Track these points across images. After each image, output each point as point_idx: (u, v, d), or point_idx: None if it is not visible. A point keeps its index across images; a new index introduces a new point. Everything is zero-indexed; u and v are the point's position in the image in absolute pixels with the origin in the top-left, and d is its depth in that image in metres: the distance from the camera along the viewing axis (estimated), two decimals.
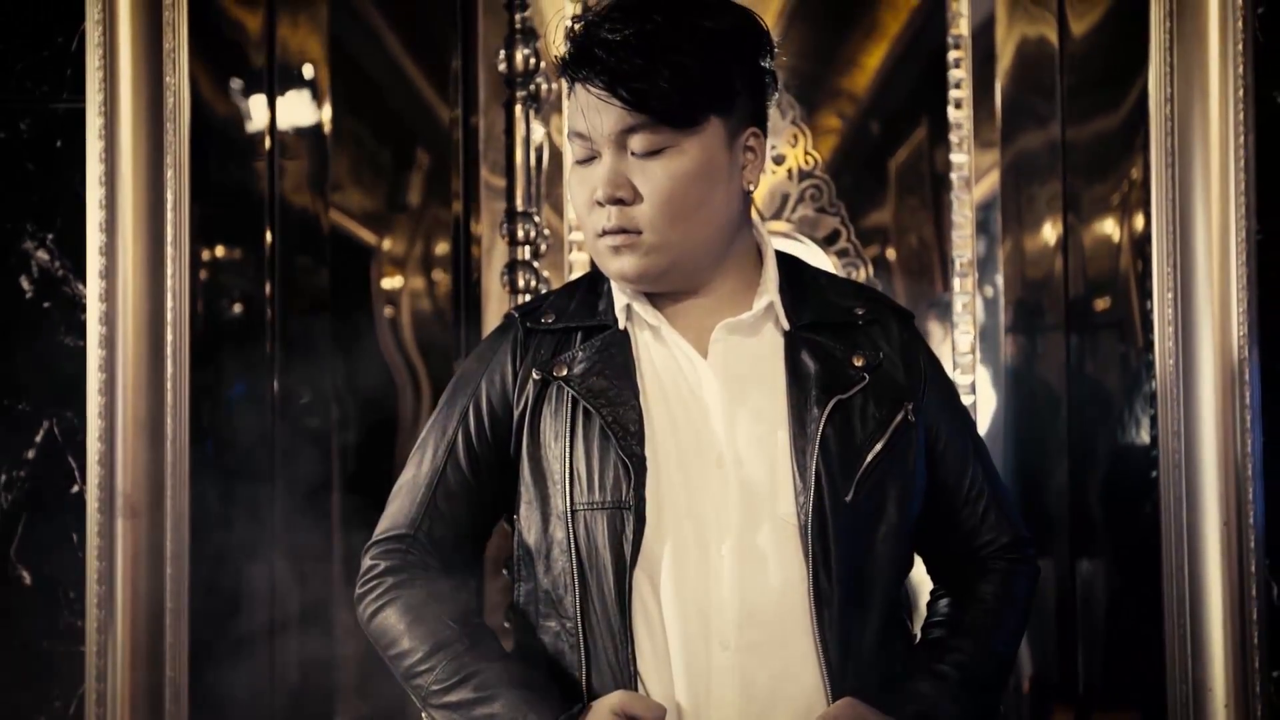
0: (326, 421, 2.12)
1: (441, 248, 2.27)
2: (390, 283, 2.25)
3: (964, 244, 2.19)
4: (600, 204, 1.38)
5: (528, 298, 2.07)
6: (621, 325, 1.46)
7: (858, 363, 1.44)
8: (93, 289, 1.79)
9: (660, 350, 1.45)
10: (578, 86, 1.37)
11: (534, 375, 1.45)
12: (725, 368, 1.44)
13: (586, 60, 1.35)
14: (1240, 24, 1.79)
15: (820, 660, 1.37)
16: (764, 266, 1.48)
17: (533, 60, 2.10)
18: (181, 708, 1.74)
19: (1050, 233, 2.17)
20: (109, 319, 1.77)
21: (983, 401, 2.14)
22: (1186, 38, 1.82)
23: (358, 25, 2.20)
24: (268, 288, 2.02)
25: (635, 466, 1.37)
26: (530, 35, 2.11)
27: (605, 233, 1.39)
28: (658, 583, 1.38)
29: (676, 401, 1.43)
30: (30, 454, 1.85)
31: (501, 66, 2.10)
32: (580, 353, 1.45)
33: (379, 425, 2.14)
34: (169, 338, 1.77)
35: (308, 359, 2.09)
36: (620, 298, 1.47)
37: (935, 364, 1.53)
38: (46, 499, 1.85)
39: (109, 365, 1.77)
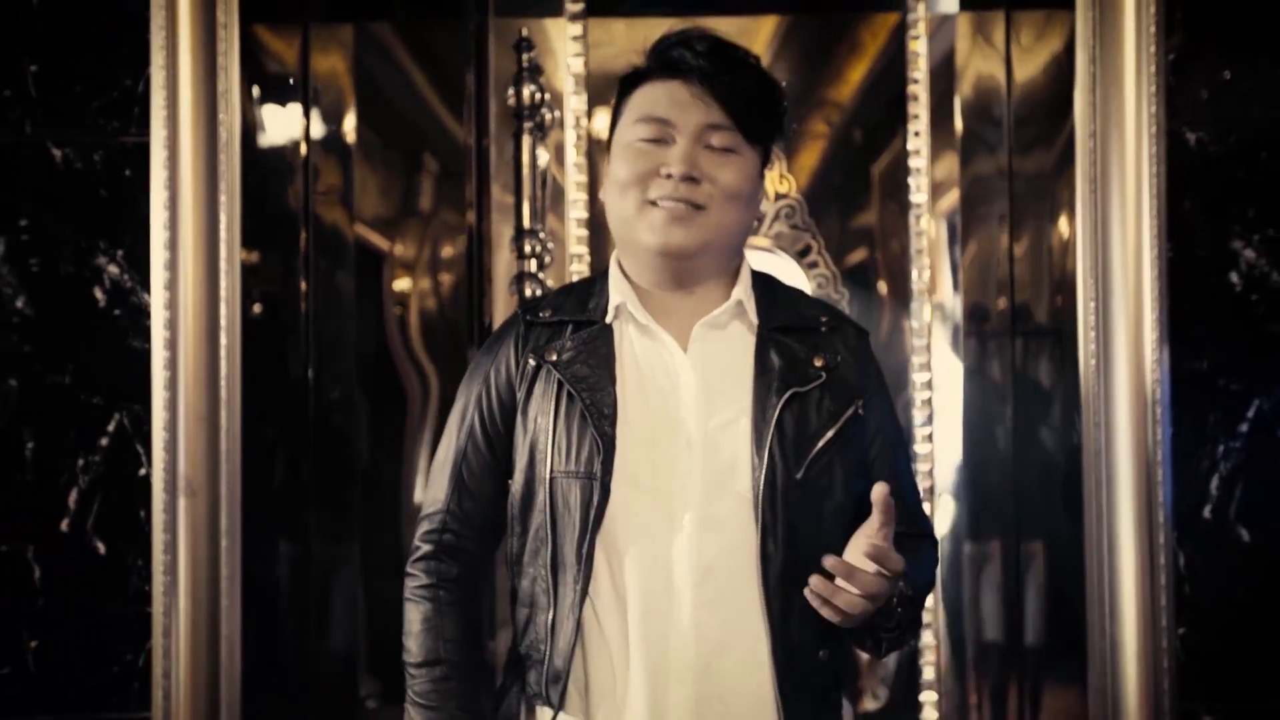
0: (352, 412, 2.35)
1: (456, 257, 2.48)
2: (409, 288, 2.47)
3: (923, 258, 2.41)
4: (669, 177, 1.53)
5: None
6: (608, 320, 1.60)
7: (818, 363, 1.58)
8: (157, 298, 1.98)
9: (644, 343, 1.59)
10: (668, 82, 1.55)
11: (530, 361, 1.60)
12: (702, 360, 1.58)
13: (686, 62, 1.55)
14: (1154, 69, 1.99)
15: (764, 614, 1.51)
16: (740, 272, 1.62)
17: (538, 95, 2.33)
18: (234, 660, 1.95)
19: (998, 249, 2.37)
20: (171, 324, 1.96)
21: (940, 397, 2.34)
22: (1108, 80, 2.02)
23: (382, 58, 2.41)
24: (302, 293, 2.23)
25: (605, 444, 1.52)
26: (536, 72, 2.35)
27: (666, 200, 1.53)
28: (623, 545, 1.53)
29: (654, 389, 1.57)
30: (104, 442, 2.01)
31: (510, 100, 2.33)
32: (569, 343, 1.59)
33: (396, 415, 2.36)
34: (223, 340, 1.98)
35: (336, 355, 2.32)
36: (614, 297, 1.61)
37: (881, 377, 1.69)
38: (117, 481, 2.01)
39: (171, 364, 1.96)
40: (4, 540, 1.97)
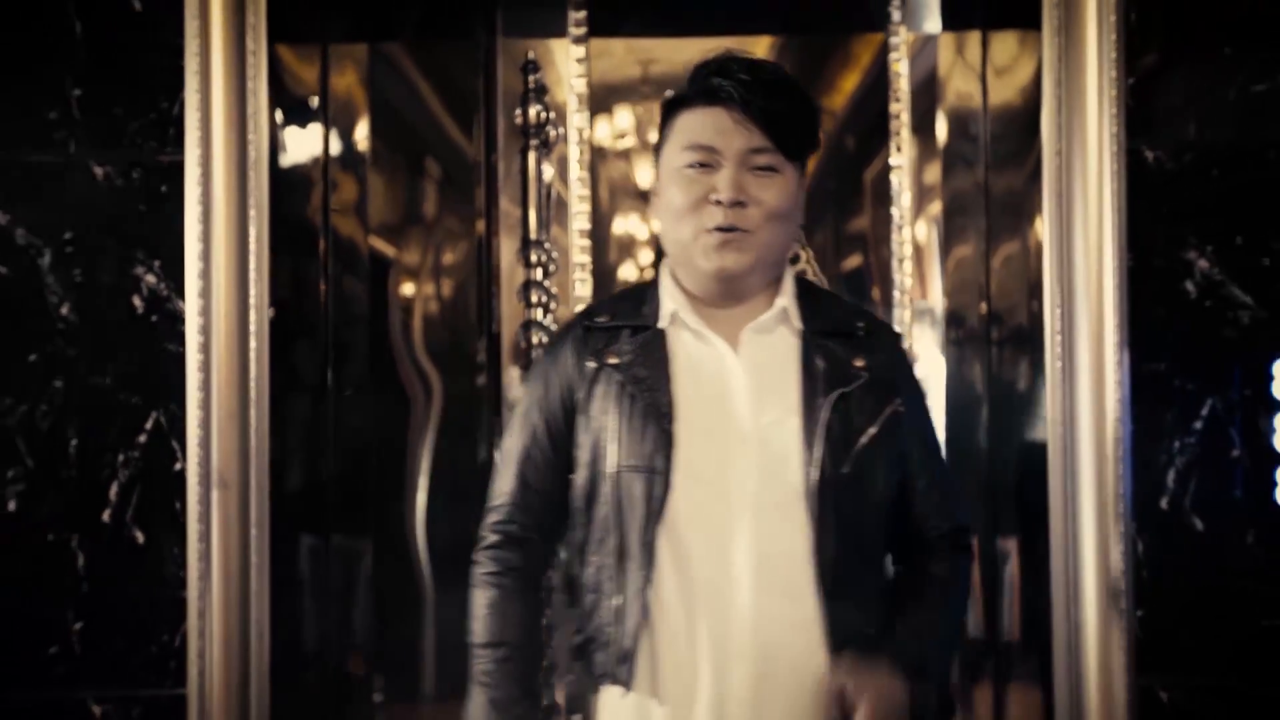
0: (368, 410, 2.49)
1: (465, 266, 2.62)
2: (420, 294, 2.61)
3: (905, 265, 2.55)
4: (719, 203, 1.61)
5: (540, 310, 2.43)
6: (662, 325, 1.69)
7: (859, 364, 1.67)
8: (191, 305, 2.10)
9: (697, 347, 1.68)
10: (710, 109, 1.63)
11: (590, 363, 1.68)
12: (752, 362, 1.66)
13: (725, 90, 1.62)
14: (1115, 92, 2.12)
15: (817, 594, 1.60)
16: (783, 280, 1.71)
17: (543, 114, 2.48)
18: (264, 640, 2.08)
19: (976, 258, 2.51)
20: (205, 329, 2.09)
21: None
22: (1072, 102, 2.15)
23: (396, 77, 2.54)
24: (322, 299, 2.36)
25: (665, 440, 1.61)
26: (541, 91, 2.49)
27: (717, 229, 1.62)
28: (684, 533, 1.61)
29: (708, 389, 1.65)
30: (142, 438, 2.13)
31: (517, 119, 2.48)
32: (626, 346, 1.68)
33: (406, 412, 2.50)
34: (252, 344, 2.11)
35: (352, 359, 2.46)
36: (668, 304, 1.70)
37: (915, 376, 1.78)
38: (155, 474, 2.13)
39: (205, 366, 2.09)
40: (50, 530, 2.09)
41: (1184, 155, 2.13)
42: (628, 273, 2.59)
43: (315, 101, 2.35)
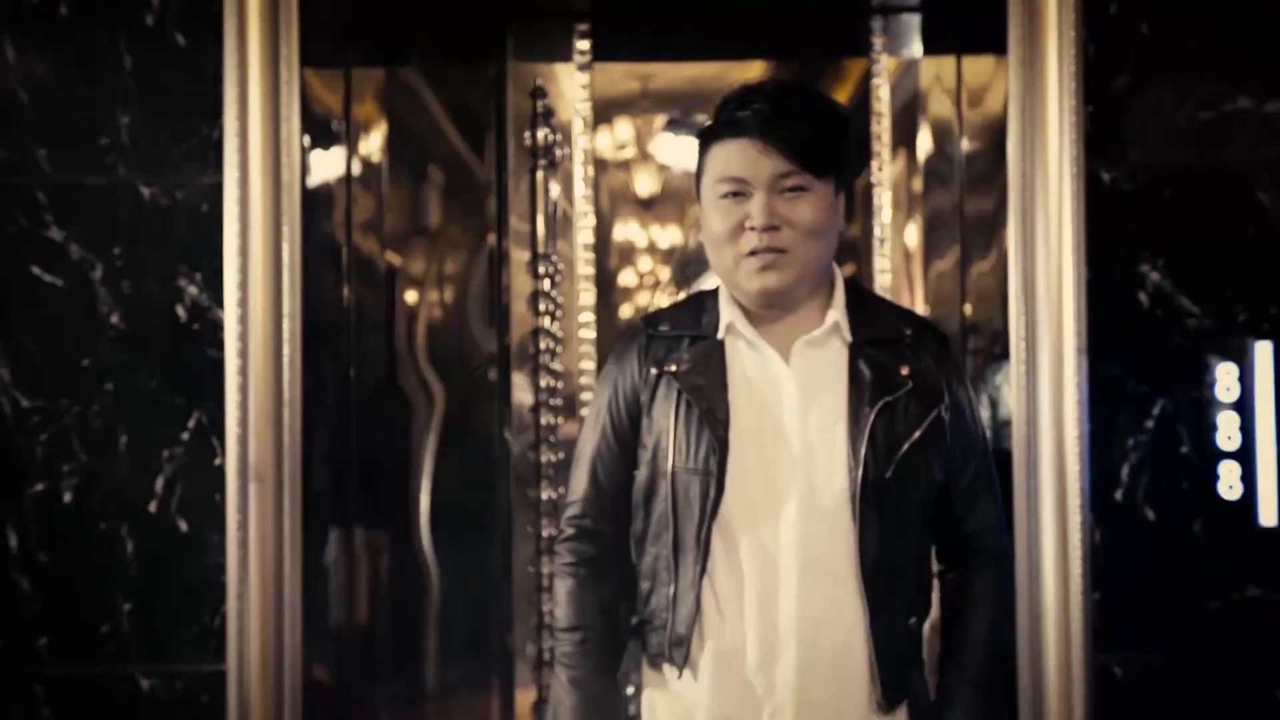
0: (386, 409, 2.66)
1: (478, 277, 2.79)
2: (437, 304, 2.79)
3: (886, 276, 2.74)
4: (754, 229, 1.68)
5: (548, 318, 2.62)
6: (720, 336, 1.77)
7: (904, 371, 1.76)
8: (230, 314, 2.21)
9: (752, 357, 1.76)
10: (736, 141, 1.71)
11: (653, 369, 1.78)
12: (802, 373, 1.75)
13: (748, 122, 1.70)
14: (1075, 118, 2.23)
15: (860, 590, 1.71)
16: (834, 291, 1.79)
17: (550, 136, 2.66)
18: (296, 620, 2.21)
19: (953, 269, 2.67)
20: (242, 336, 2.22)
21: None
22: (1035, 126, 2.25)
23: (413, 103, 2.73)
24: (345, 310, 2.50)
25: (720, 445, 1.71)
26: (548, 115, 2.68)
27: (756, 252, 1.69)
28: (736, 531, 1.71)
29: (761, 398, 1.74)
30: (185, 436, 2.25)
31: (526, 142, 2.67)
32: (685, 355, 1.77)
33: (422, 412, 2.68)
34: (285, 350, 2.23)
35: (372, 363, 2.63)
36: (725, 316, 1.78)
37: (963, 379, 1.85)
38: (196, 468, 2.24)
39: (243, 370, 2.22)
40: (102, 519, 2.23)
41: (1138, 177, 2.26)
42: (627, 279, 2.77)
43: (338, 124, 2.51)
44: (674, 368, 1.75)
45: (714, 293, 1.82)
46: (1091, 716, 2.18)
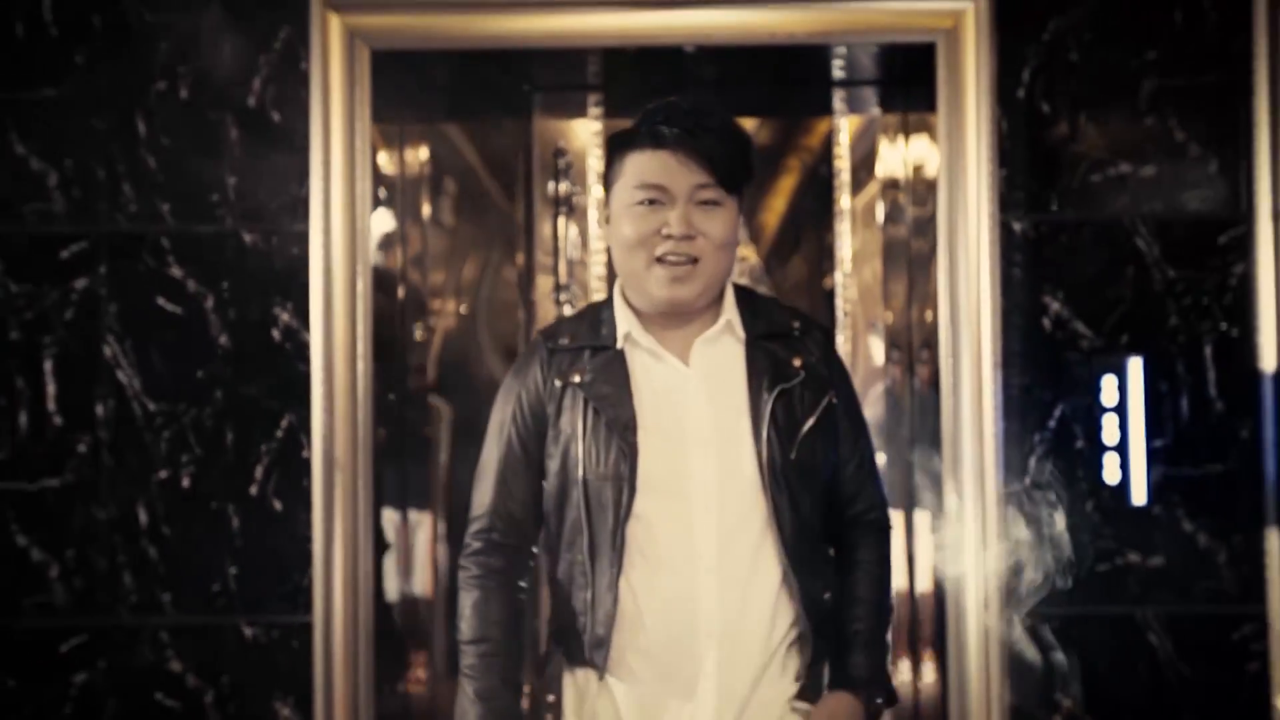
0: (436, 413, 3.18)
1: (509, 305, 3.26)
2: (475, 327, 3.28)
3: (849, 305, 3.26)
4: (670, 237, 1.68)
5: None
6: (619, 346, 1.77)
7: (796, 363, 1.78)
8: (315, 336, 2.67)
9: (653, 362, 1.76)
10: (658, 151, 1.70)
11: (556, 382, 1.77)
12: (702, 372, 1.76)
13: (672, 134, 1.69)
14: (990, 179, 2.67)
15: (783, 567, 1.73)
16: (725, 293, 1.81)
17: (569, 188, 3.19)
18: (368, 581, 2.69)
19: (903, 298, 3.12)
20: (325, 353, 2.67)
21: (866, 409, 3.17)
22: (958, 184, 2.69)
23: (455, 156, 3.22)
24: (400, 331, 3.01)
25: (629, 451, 1.71)
26: (568, 169, 3.22)
27: (666, 260, 1.69)
28: (651, 530, 1.72)
29: (665, 400, 1.75)
30: (279, 433, 2.69)
31: (550, 191, 3.20)
32: (588, 366, 1.76)
33: (465, 414, 3.17)
34: (359, 365, 2.70)
35: (425, 376, 3.14)
36: (622, 326, 1.77)
37: (845, 369, 1.90)
38: (289, 459, 2.68)
39: (326, 381, 2.67)
40: (213, 500, 2.69)
41: (1041, 226, 2.74)
42: None
43: (397, 179, 3.04)
44: (578, 379, 1.75)
45: (608, 303, 1.84)
46: (1005, 656, 2.68)
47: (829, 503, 1.84)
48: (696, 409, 1.75)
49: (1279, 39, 2.67)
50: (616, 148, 1.78)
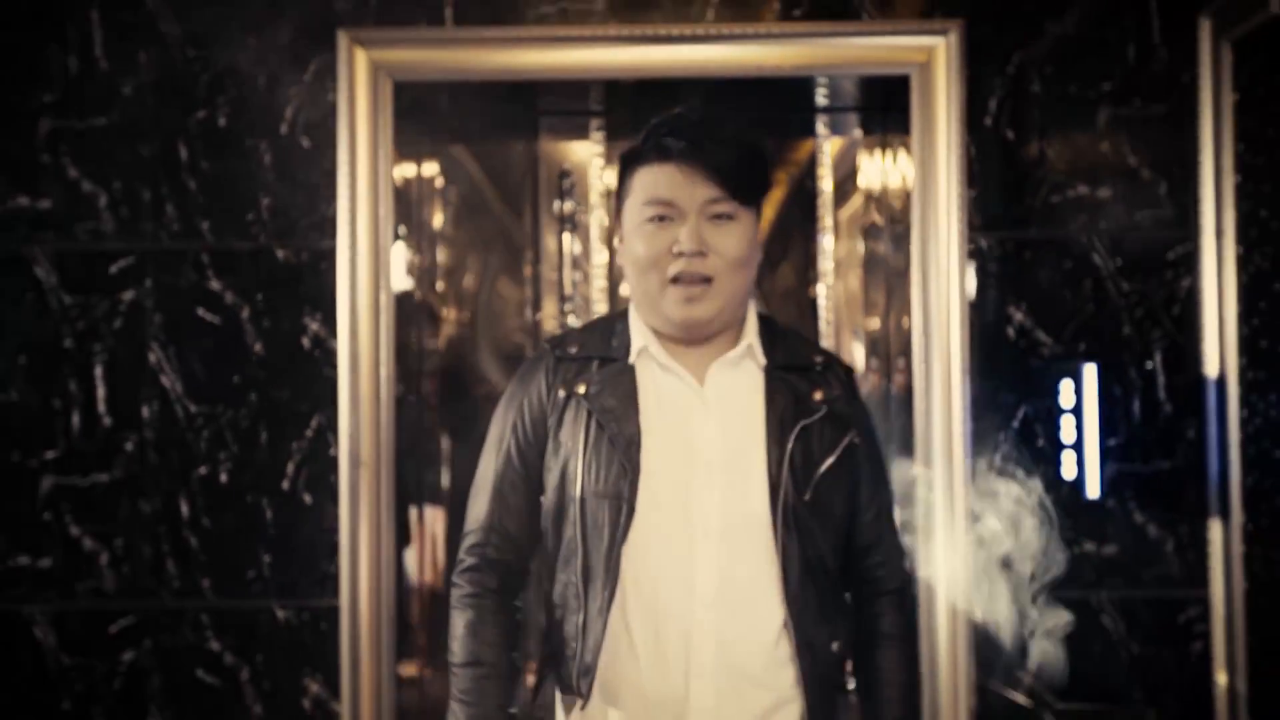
0: (449, 415, 3.42)
1: (517, 314, 3.50)
2: (485, 336, 3.51)
3: (831, 313, 3.50)
4: (682, 255, 1.59)
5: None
6: (631, 360, 1.67)
7: (818, 397, 1.67)
8: (342, 344, 2.87)
9: (665, 380, 1.66)
10: (665, 165, 1.61)
11: (560, 392, 1.67)
12: (717, 396, 1.65)
13: (676, 147, 1.61)
14: (960, 200, 2.89)
15: (785, 619, 1.60)
16: (747, 319, 1.71)
17: (573, 207, 3.44)
18: (390, 569, 2.89)
19: (882, 307, 3.33)
20: (351, 360, 2.87)
21: None
22: (930, 205, 2.91)
23: (467, 178, 3.45)
24: (418, 339, 3.26)
25: (631, 469, 1.59)
26: (571, 191, 3.46)
27: (680, 279, 1.60)
28: (647, 556, 1.61)
29: (674, 420, 1.64)
30: (309, 433, 2.87)
31: (555, 211, 3.45)
32: (595, 377, 1.66)
33: (472, 416, 3.41)
34: (382, 371, 2.90)
35: (439, 379, 3.40)
36: (637, 340, 1.67)
37: (866, 410, 1.78)
38: (318, 457, 2.87)
39: (352, 386, 2.87)
40: (249, 494, 2.89)
41: (1007, 244, 2.95)
42: None
43: (414, 191, 3.29)
44: (583, 389, 1.66)
45: (623, 315, 1.75)
46: (971, 636, 2.91)
47: (844, 552, 1.73)
48: (707, 432, 1.64)
49: (1221, 72, 2.90)
50: (627, 164, 1.70)
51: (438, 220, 3.40)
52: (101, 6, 2.97)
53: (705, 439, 1.64)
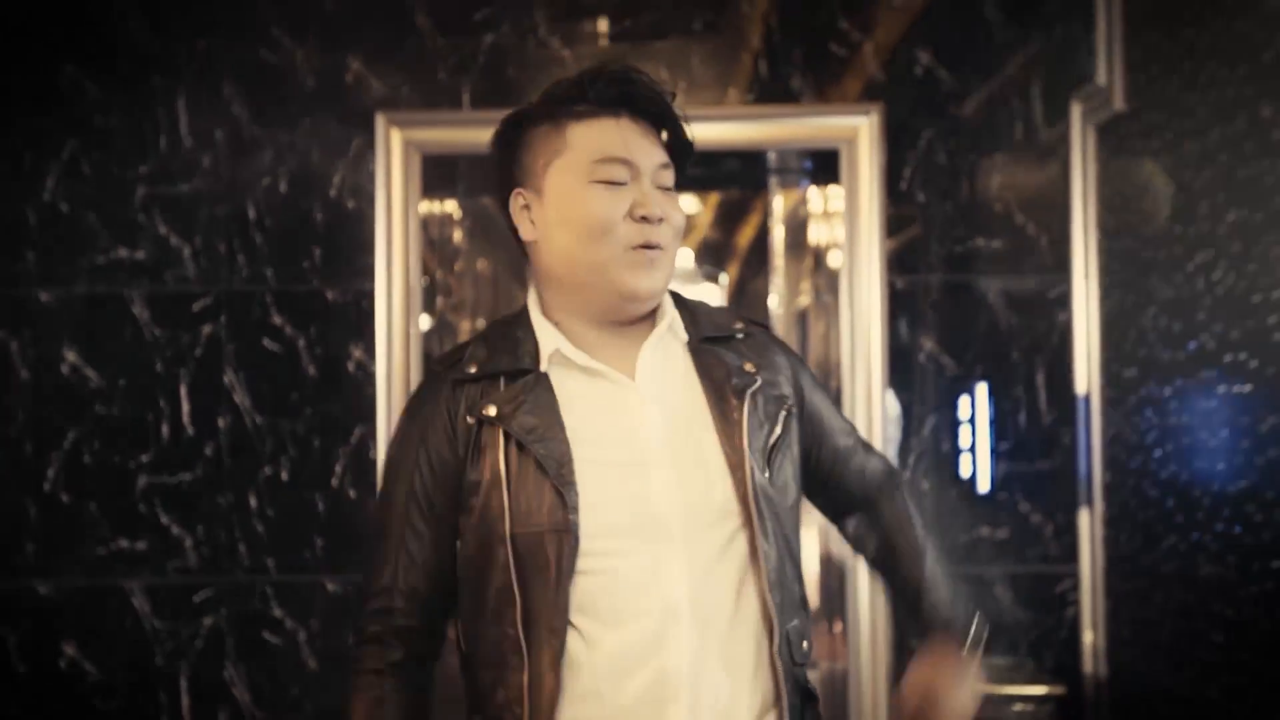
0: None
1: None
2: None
3: (785, 336, 4.16)
4: (645, 220, 1.39)
5: None
6: (543, 368, 1.45)
7: (749, 367, 1.49)
8: (380, 368, 3.40)
9: (589, 383, 1.44)
10: (616, 119, 1.41)
11: (468, 419, 1.42)
12: (651, 384, 1.45)
13: (637, 99, 1.44)
14: (880, 248, 3.48)
15: (768, 606, 1.39)
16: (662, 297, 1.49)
17: None
18: None
19: (823, 330, 4.05)
20: (387, 381, 3.47)
21: None
22: (856, 251, 3.49)
23: (482, 207, 4.15)
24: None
25: (567, 493, 1.34)
26: None
27: (644, 247, 1.40)
28: (607, 584, 1.37)
29: (608, 426, 1.41)
30: (353, 440, 3.34)
31: None
32: (505, 395, 1.42)
33: None
34: (412, 390, 3.68)
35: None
36: (546, 344, 1.46)
37: (795, 355, 1.60)
38: (360, 460, 3.33)
39: (387, 402, 3.39)
40: (304, 491, 3.41)
41: (917, 286, 3.53)
42: None
43: (437, 238, 3.97)
44: (493, 411, 1.42)
45: (519, 320, 1.54)
46: (889, 615, 3.56)
47: (832, 490, 1.65)
48: (648, 430, 1.45)
49: (1086, 148, 3.58)
50: (554, 119, 1.47)
51: (458, 262, 4.06)
52: (186, 95, 3.62)
53: (647, 437, 1.44)
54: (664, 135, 1.47)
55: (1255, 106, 2.54)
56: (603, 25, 3.57)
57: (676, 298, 1.59)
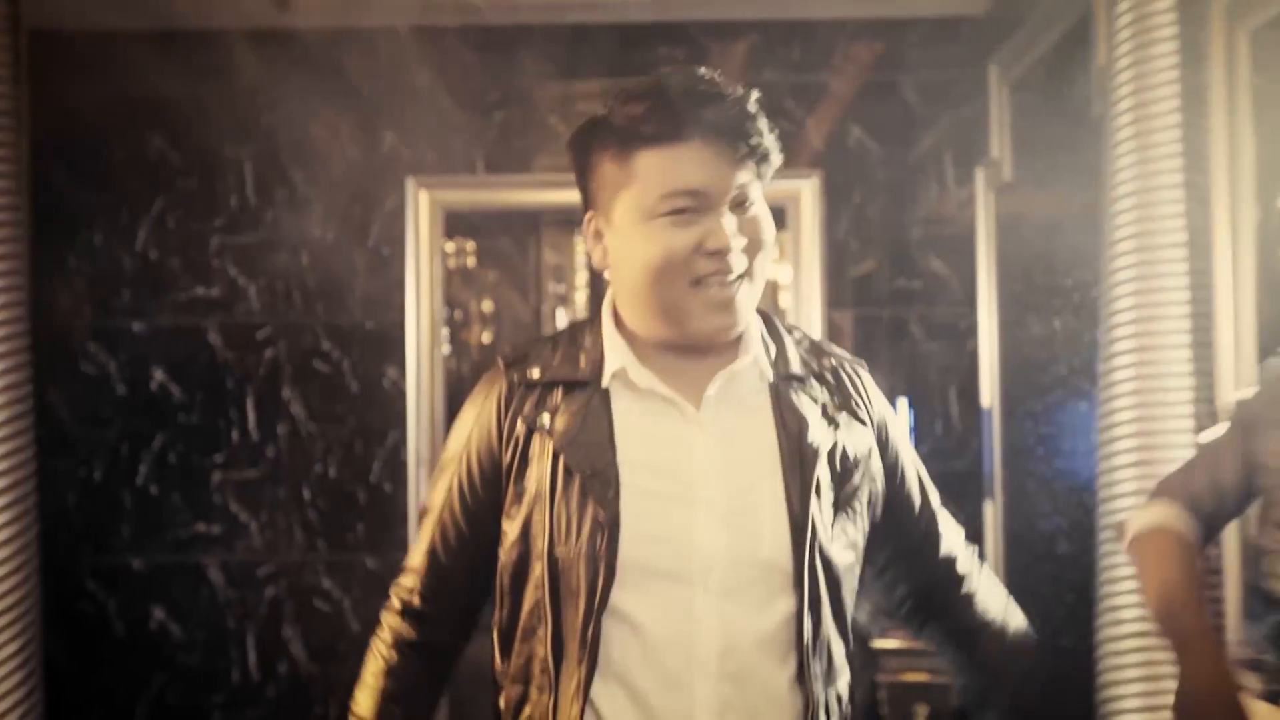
0: None
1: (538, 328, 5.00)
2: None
3: None
4: (717, 253, 1.30)
5: None
6: (604, 384, 1.38)
7: (831, 417, 1.39)
8: (410, 384, 4.33)
9: (650, 407, 1.36)
10: (688, 144, 1.30)
11: (518, 425, 1.38)
12: (717, 419, 1.36)
13: (707, 120, 1.31)
14: (821, 285, 4.37)
15: (809, 684, 1.31)
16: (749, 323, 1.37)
17: (565, 290, 4.92)
18: None
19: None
20: (416, 395, 4.28)
21: None
22: (802, 288, 4.25)
23: (500, 261, 5.01)
24: (458, 379, 4.77)
25: (610, 521, 1.29)
26: (561, 276, 4.96)
27: (715, 279, 1.30)
28: (638, 627, 1.32)
29: (664, 457, 1.33)
30: (388, 443, 4.09)
31: (550, 290, 4.94)
32: (561, 406, 1.37)
33: None
34: (437, 403, 4.30)
35: None
36: (611, 360, 1.38)
37: (885, 403, 1.49)
38: (395, 460, 4.09)
39: (416, 413, 4.24)
40: (348, 486, 4.23)
41: (853, 317, 4.35)
42: None
43: (456, 287, 4.80)
44: (546, 423, 1.37)
45: (591, 327, 1.46)
46: None
47: (911, 557, 1.56)
48: (701, 464, 1.36)
49: (989, 209, 4.38)
50: (622, 146, 1.37)
51: (474, 301, 4.89)
52: (253, 160, 4.44)
53: (703, 475, 1.35)
54: (743, 150, 1.35)
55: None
56: (598, 108, 4.35)
57: (769, 324, 1.49)
